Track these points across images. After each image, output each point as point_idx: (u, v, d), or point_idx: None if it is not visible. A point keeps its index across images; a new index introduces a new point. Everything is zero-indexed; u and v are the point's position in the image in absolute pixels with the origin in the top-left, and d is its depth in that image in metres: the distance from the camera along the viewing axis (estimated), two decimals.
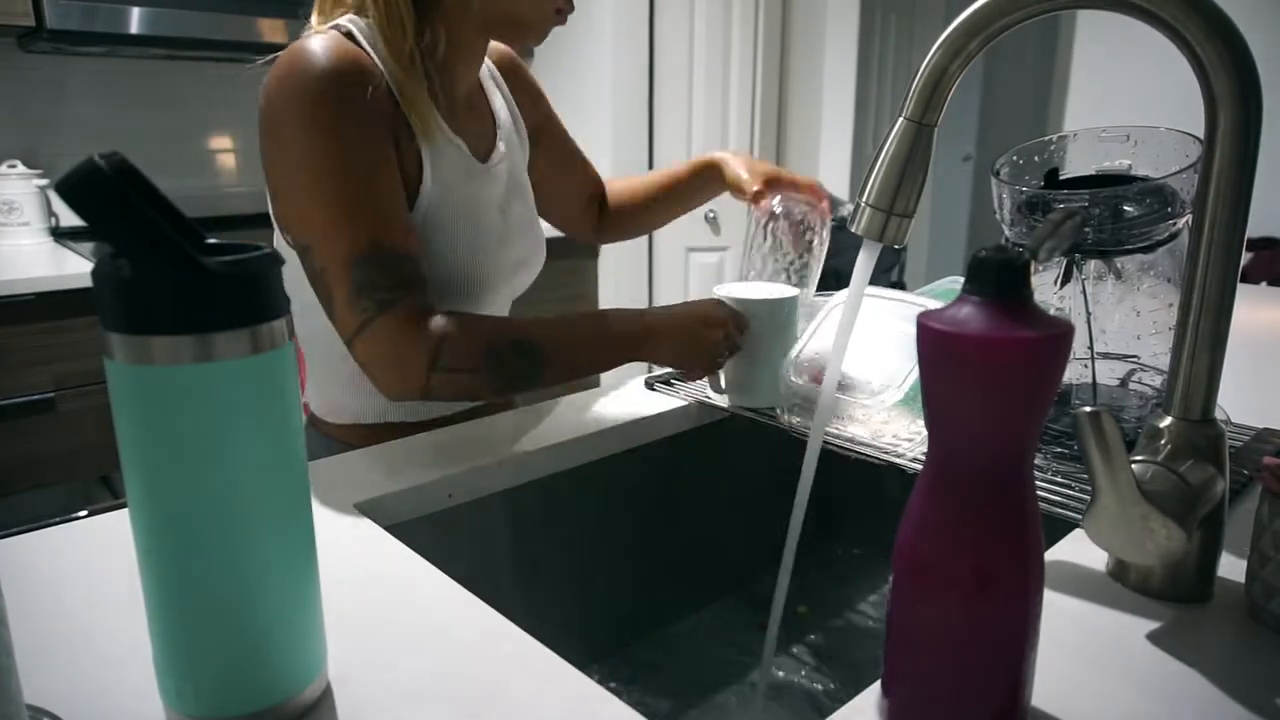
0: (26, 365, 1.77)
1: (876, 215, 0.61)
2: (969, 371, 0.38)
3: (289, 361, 0.41)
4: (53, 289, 1.75)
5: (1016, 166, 0.76)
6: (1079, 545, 0.61)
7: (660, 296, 2.88)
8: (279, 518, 0.42)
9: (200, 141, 2.44)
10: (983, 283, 0.38)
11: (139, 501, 0.40)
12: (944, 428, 0.40)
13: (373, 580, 0.58)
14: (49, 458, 1.82)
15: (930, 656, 0.42)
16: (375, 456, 0.79)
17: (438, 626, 0.53)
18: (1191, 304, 0.52)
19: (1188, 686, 0.47)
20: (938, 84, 0.57)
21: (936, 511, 0.41)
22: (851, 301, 0.64)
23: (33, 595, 0.55)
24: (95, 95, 2.27)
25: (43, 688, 0.46)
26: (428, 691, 0.47)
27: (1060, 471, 0.73)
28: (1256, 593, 0.52)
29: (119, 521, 0.65)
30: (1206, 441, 0.52)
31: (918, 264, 4.92)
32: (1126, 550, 0.50)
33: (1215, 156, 0.49)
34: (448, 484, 0.75)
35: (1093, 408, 0.47)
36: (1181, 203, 0.68)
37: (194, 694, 0.42)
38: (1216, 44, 0.47)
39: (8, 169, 2.08)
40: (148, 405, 0.38)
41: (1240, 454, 0.77)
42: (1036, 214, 0.71)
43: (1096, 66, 4.04)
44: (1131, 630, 0.52)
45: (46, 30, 1.87)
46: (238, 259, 0.38)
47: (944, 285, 1.00)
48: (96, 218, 0.36)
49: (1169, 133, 0.70)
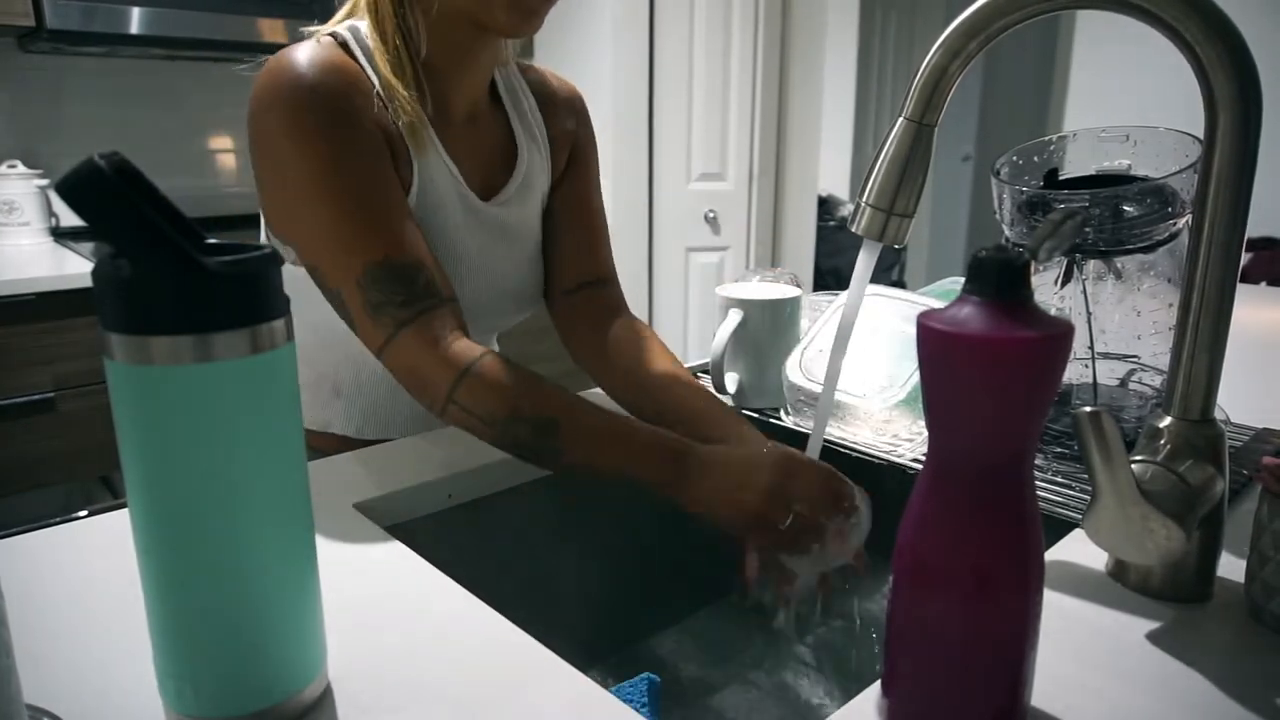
0: (26, 365, 1.77)
1: (877, 215, 0.61)
2: (969, 371, 0.38)
3: (289, 361, 0.41)
4: (53, 289, 1.75)
5: (1016, 166, 0.76)
6: (1079, 545, 0.61)
7: (660, 296, 2.88)
8: (279, 517, 0.42)
9: (200, 141, 2.44)
10: (983, 283, 0.38)
11: (139, 501, 0.40)
12: (944, 428, 0.40)
13: (373, 580, 0.58)
14: (49, 458, 1.82)
15: (930, 656, 0.42)
16: (375, 456, 0.79)
17: (437, 626, 0.53)
18: (1191, 304, 0.52)
19: (1187, 686, 0.47)
20: (938, 84, 0.57)
21: (936, 512, 0.41)
22: (852, 301, 0.64)
23: (33, 595, 0.55)
24: (95, 95, 2.27)
25: (43, 688, 0.46)
26: (428, 691, 0.47)
27: (1060, 471, 0.73)
28: (1256, 593, 0.52)
29: (119, 521, 0.65)
30: (1206, 441, 0.52)
31: (918, 264, 4.93)
32: (1126, 550, 0.50)
33: (1215, 156, 0.49)
34: (448, 484, 0.75)
35: (1093, 408, 0.47)
36: (1181, 203, 0.68)
37: (194, 693, 0.42)
38: (1216, 44, 0.48)
39: (8, 169, 2.08)
40: (148, 405, 0.38)
41: (1240, 454, 0.77)
42: (1036, 214, 0.71)
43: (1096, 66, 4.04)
44: (1131, 630, 0.52)
45: (46, 30, 1.87)
46: (238, 259, 0.38)
47: (944, 285, 1.01)
48: (96, 218, 0.36)
49: (1169, 133, 0.70)
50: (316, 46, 0.74)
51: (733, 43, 2.80)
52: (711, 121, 2.82)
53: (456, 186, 0.83)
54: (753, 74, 2.85)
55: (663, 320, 2.90)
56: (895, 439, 0.81)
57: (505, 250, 0.89)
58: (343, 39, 0.78)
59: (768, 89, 2.89)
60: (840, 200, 3.70)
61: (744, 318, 0.89)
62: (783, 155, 3.03)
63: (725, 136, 2.87)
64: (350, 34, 0.78)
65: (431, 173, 0.81)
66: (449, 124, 0.83)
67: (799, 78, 2.98)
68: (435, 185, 0.81)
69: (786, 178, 3.06)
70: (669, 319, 2.91)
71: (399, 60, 0.77)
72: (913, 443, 0.80)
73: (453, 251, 0.83)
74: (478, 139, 0.87)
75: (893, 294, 0.91)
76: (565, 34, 2.74)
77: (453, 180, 0.83)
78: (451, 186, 0.83)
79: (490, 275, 0.88)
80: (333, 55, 0.74)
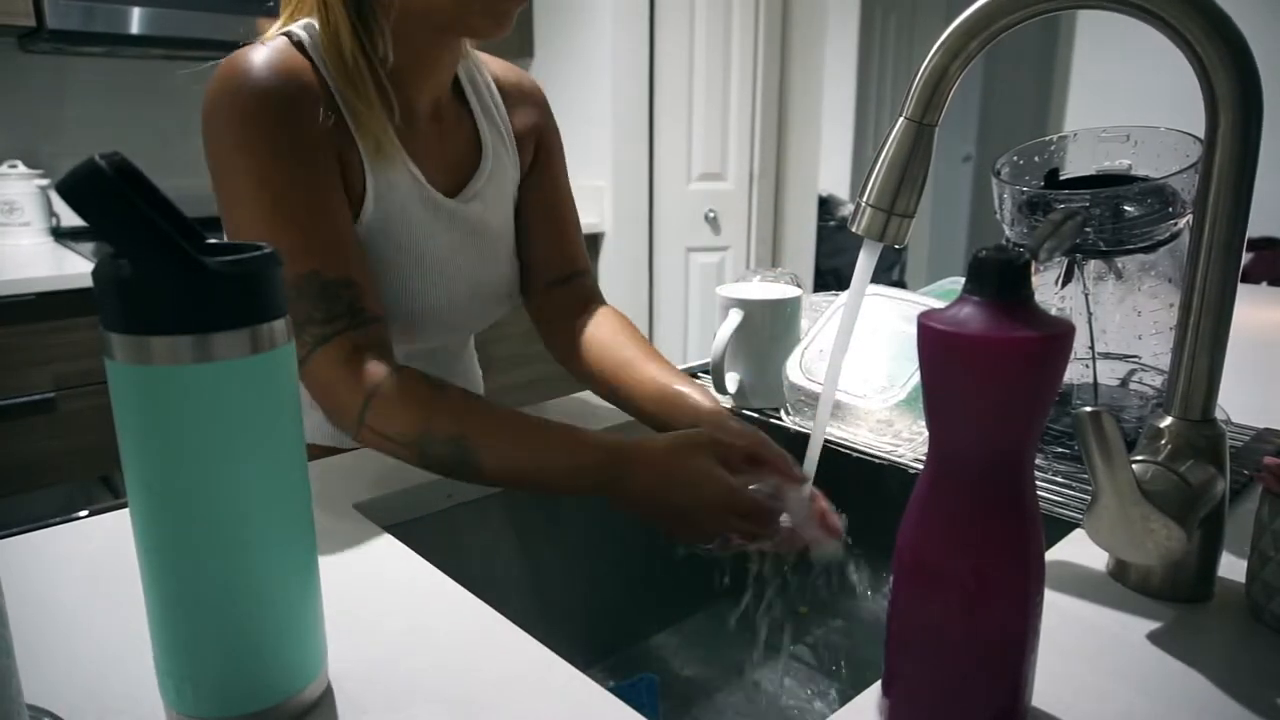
0: (27, 365, 1.77)
1: (877, 215, 0.60)
2: (969, 371, 0.38)
3: (289, 361, 0.41)
4: (53, 289, 1.76)
5: (1016, 166, 0.76)
6: (1079, 545, 0.61)
7: (661, 296, 2.88)
8: (279, 517, 0.42)
9: (200, 142, 2.43)
10: (983, 283, 0.38)
11: (139, 501, 0.40)
12: (944, 428, 0.40)
13: (373, 580, 0.58)
14: (49, 458, 1.82)
15: (930, 656, 0.42)
16: (375, 456, 0.79)
17: (438, 626, 0.53)
18: (1192, 304, 0.52)
19: (1188, 686, 0.47)
20: (938, 84, 0.57)
21: (936, 511, 0.41)
22: (852, 301, 0.64)
23: (33, 595, 0.55)
24: (95, 95, 2.27)
25: (43, 688, 0.46)
26: (428, 691, 0.47)
27: (1060, 471, 0.73)
28: (1256, 593, 0.52)
29: (119, 521, 0.65)
30: (1207, 441, 0.52)
31: (918, 264, 4.93)
32: (1126, 550, 0.50)
33: (1215, 156, 0.49)
34: (448, 484, 0.75)
35: (1093, 408, 0.47)
36: (1182, 203, 0.68)
37: (194, 693, 0.42)
38: (1216, 44, 0.47)
39: (8, 169, 2.08)
40: (148, 405, 0.38)
41: (1240, 454, 0.77)
42: (1037, 214, 0.71)
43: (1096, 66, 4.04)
44: (1131, 630, 0.52)
45: (46, 30, 1.87)
46: (238, 259, 0.38)
47: (944, 285, 1.01)
48: (97, 218, 0.36)
49: (1169, 133, 0.70)
50: (270, 49, 0.72)
51: (733, 43, 2.80)
52: (711, 121, 2.82)
53: (419, 189, 0.81)
54: (753, 74, 2.85)
55: (663, 320, 2.90)
56: (895, 439, 0.81)
57: (478, 247, 0.87)
58: (298, 39, 0.75)
59: (768, 89, 2.89)
60: (840, 200, 3.70)
61: (744, 318, 0.89)
62: (783, 155, 3.03)
63: (725, 136, 2.87)
64: (307, 34, 0.75)
65: (392, 176, 0.79)
66: (411, 123, 0.81)
67: (799, 78, 2.98)
68: (396, 189, 0.79)
69: (786, 178, 3.05)
70: (669, 319, 2.91)
71: (356, 65, 0.74)
72: (913, 443, 0.80)
73: (420, 254, 0.82)
74: (442, 137, 0.85)
75: (893, 294, 0.91)
76: (565, 34, 2.74)
77: (415, 182, 0.81)
78: (414, 189, 0.81)
79: (464, 274, 0.86)
80: (286, 59, 0.72)
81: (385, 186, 0.78)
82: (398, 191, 0.79)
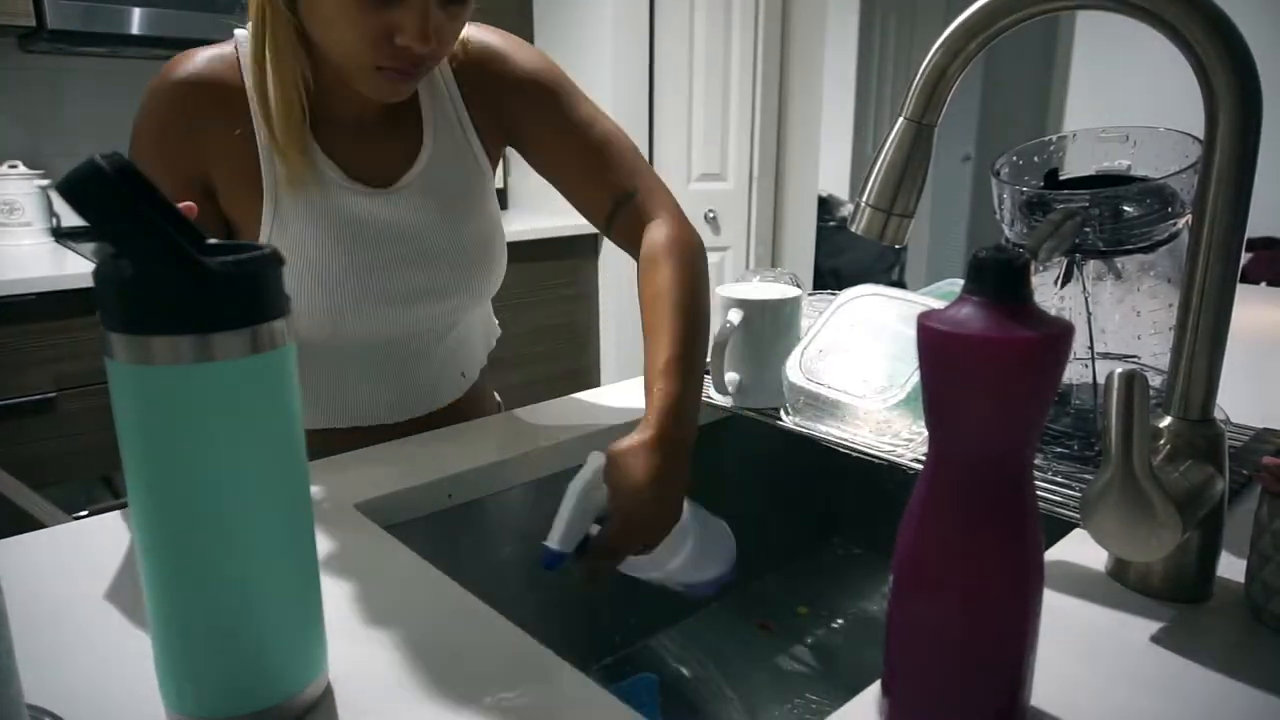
0: (27, 365, 1.77)
1: (877, 215, 0.61)
2: (969, 372, 0.38)
3: (289, 361, 0.41)
4: (53, 289, 1.75)
5: (1016, 166, 0.76)
6: (1079, 545, 0.61)
7: None
8: (280, 517, 0.42)
9: None
10: (983, 283, 0.38)
11: (140, 501, 0.40)
12: (944, 428, 0.40)
13: (373, 580, 0.58)
14: (49, 458, 1.82)
15: (930, 656, 0.42)
16: (375, 456, 0.79)
17: (437, 626, 0.53)
18: (1191, 304, 0.52)
19: (1187, 686, 0.47)
20: (938, 84, 0.57)
21: (936, 512, 0.41)
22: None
23: (33, 595, 0.55)
24: (95, 95, 2.27)
25: (43, 688, 0.46)
26: (428, 691, 0.47)
27: (1060, 471, 0.73)
28: (1256, 593, 0.52)
29: (119, 521, 0.65)
30: (1206, 441, 0.52)
31: (918, 264, 4.93)
32: (1120, 536, 0.49)
33: (1215, 156, 0.49)
34: (448, 484, 0.75)
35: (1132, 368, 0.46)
36: (1181, 203, 0.68)
37: (194, 694, 0.42)
38: (1216, 44, 0.48)
39: (9, 169, 2.08)
40: (148, 405, 0.38)
41: (1240, 454, 0.77)
42: (1036, 214, 0.71)
43: (1096, 66, 4.04)
44: (1132, 630, 0.52)
45: (47, 30, 1.87)
46: (238, 259, 0.38)
47: (944, 286, 1.00)
48: (97, 218, 0.36)
49: (1169, 133, 0.70)
50: (208, 53, 0.77)
51: (733, 43, 2.80)
52: (711, 121, 2.82)
53: (337, 191, 0.81)
54: (753, 74, 2.85)
55: None
56: (895, 439, 0.81)
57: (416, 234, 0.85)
58: (236, 43, 0.79)
59: (768, 89, 2.89)
60: (840, 200, 3.70)
61: (744, 318, 0.89)
62: (783, 155, 3.03)
63: (725, 136, 2.87)
64: (241, 40, 0.79)
65: (303, 178, 0.79)
66: (336, 132, 0.81)
67: (799, 78, 2.98)
68: (307, 192, 0.79)
69: (786, 178, 3.06)
70: None
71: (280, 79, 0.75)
72: (913, 443, 0.80)
73: (341, 249, 0.81)
74: (373, 131, 0.83)
75: (893, 294, 0.91)
76: (565, 34, 2.74)
77: (336, 182, 0.81)
78: (333, 185, 0.80)
79: (402, 261, 0.84)
80: (212, 66, 0.77)
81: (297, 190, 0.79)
82: (309, 195, 0.80)
